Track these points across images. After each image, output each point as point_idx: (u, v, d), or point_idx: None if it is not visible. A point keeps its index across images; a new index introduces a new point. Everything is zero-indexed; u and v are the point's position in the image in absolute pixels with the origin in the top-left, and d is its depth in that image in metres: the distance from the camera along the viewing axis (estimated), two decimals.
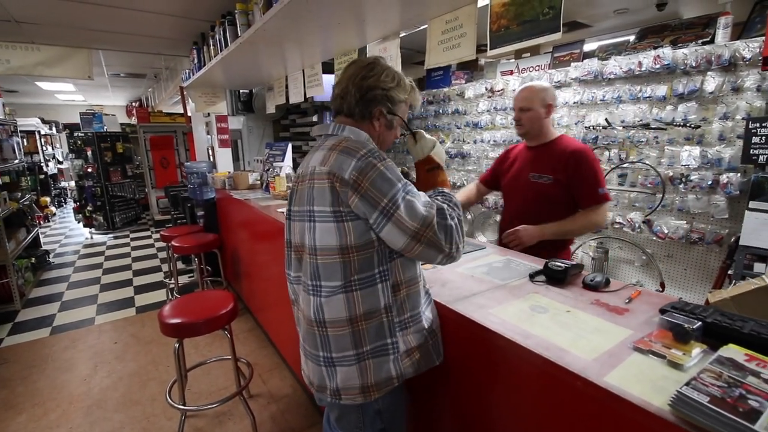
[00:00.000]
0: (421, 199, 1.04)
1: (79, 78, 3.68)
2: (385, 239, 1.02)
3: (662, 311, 1.04)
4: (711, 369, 0.82)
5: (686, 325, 0.94)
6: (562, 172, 1.78)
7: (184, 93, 4.30)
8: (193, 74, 3.60)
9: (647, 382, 0.83)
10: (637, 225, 2.59)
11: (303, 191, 1.11)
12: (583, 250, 2.95)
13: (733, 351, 0.87)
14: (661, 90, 2.45)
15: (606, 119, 2.69)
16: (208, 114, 4.43)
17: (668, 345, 0.93)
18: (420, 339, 1.13)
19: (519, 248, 1.75)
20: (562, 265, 1.33)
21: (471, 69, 3.98)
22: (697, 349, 0.91)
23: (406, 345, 1.10)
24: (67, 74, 3.63)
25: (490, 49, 1.54)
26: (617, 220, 2.69)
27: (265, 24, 2.00)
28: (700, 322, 0.95)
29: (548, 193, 1.81)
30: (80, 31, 3.34)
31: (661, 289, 2.51)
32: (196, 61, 3.42)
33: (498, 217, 2.36)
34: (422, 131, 1.31)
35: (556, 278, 1.33)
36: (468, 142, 3.90)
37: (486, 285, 1.34)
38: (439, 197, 1.14)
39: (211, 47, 2.98)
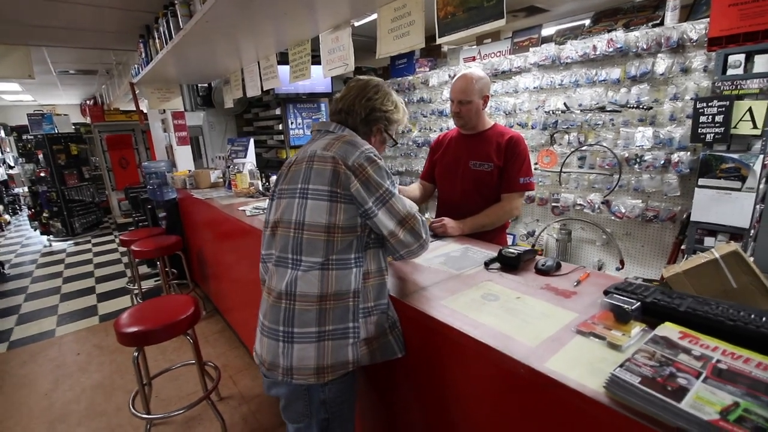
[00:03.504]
0: (404, 198, 1.21)
1: (19, 78, 3.47)
2: (377, 223, 1.13)
3: (606, 293, 1.07)
4: (645, 349, 0.84)
5: (625, 306, 0.97)
6: (499, 158, 1.85)
7: (135, 89, 4.12)
8: (142, 69, 3.45)
9: (586, 365, 0.85)
10: (596, 206, 2.66)
11: (297, 172, 1.19)
12: (547, 233, 3.02)
13: (668, 329, 0.90)
14: (616, 73, 2.50)
15: (565, 103, 2.74)
16: (164, 111, 4.27)
17: (609, 326, 0.96)
18: (380, 329, 1.18)
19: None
20: (515, 251, 1.35)
21: (434, 56, 3.97)
22: (636, 329, 0.94)
23: (366, 332, 1.15)
24: (6, 74, 3.42)
25: (439, 37, 1.54)
26: (578, 202, 2.76)
27: (205, 14, 1.93)
28: (638, 302, 0.98)
29: (488, 181, 1.87)
30: (15, 27, 3.14)
31: (621, 266, 2.60)
32: (143, 55, 3.28)
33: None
34: None
35: (510, 265, 1.36)
36: (434, 131, 3.91)
37: (441, 275, 1.36)
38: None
39: (157, 40, 2.86)
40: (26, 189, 7.12)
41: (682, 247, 2.28)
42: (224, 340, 3.15)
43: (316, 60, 2.44)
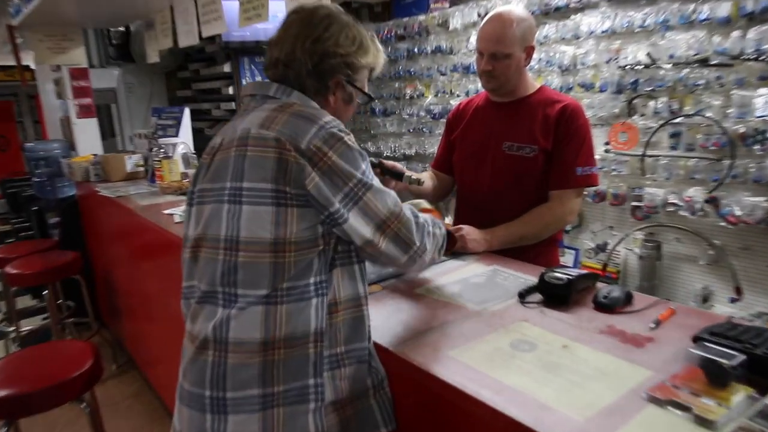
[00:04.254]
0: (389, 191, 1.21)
1: None
2: (348, 231, 1.14)
3: (695, 339, 1.06)
4: (750, 428, 0.83)
5: (723, 361, 0.95)
6: (547, 137, 1.85)
7: (16, 36, 4.17)
8: (25, 6, 3.48)
9: None
10: (698, 206, 2.65)
11: (223, 162, 1.18)
12: (626, 246, 3.01)
13: None
14: (724, 8, 2.49)
15: (648, 54, 2.73)
16: (58, 67, 4.31)
17: (698, 391, 0.94)
18: (357, 388, 1.17)
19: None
20: (564, 277, 1.35)
21: None
22: (739, 396, 0.93)
23: (335, 392, 1.15)
24: None
25: None
26: (671, 200, 2.75)
27: None
28: (743, 356, 0.97)
29: (530, 171, 1.88)
30: None
31: (737, 297, 2.57)
32: None
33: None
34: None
35: (556, 296, 1.36)
36: (457, 95, 3.91)
37: (454, 312, 1.36)
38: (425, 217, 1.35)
39: None
40: None
41: None
42: (142, 407, 3.16)
43: None
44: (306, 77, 1.23)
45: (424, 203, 1.68)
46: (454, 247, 1.44)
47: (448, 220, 4.26)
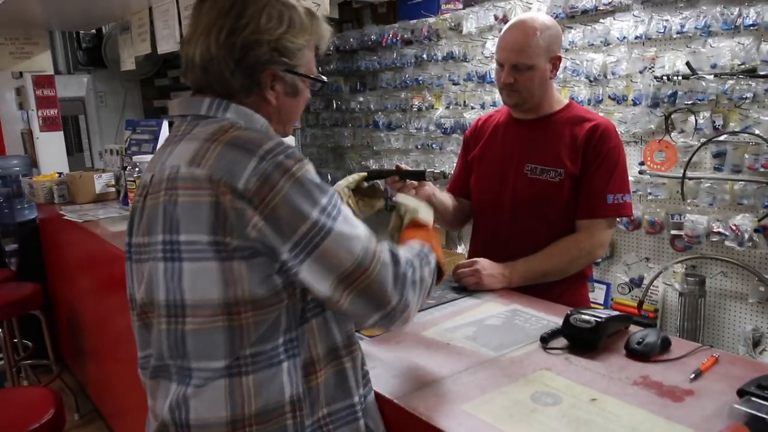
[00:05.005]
0: (359, 228, 1.09)
1: None
2: (306, 284, 1.05)
3: (741, 393, 1.06)
4: None
5: None
6: (575, 160, 1.87)
7: None
8: None
9: None
10: (747, 236, 2.65)
11: (154, 210, 1.12)
12: (664, 281, 3.01)
13: None
14: None
15: (688, 63, 2.76)
16: (20, 74, 4.37)
17: None
18: None
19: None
20: (593, 320, 1.35)
21: None
22: None
23: None
24: None
25: None
26: (715, 229, 2.76)
27: None
28: None
29: (555, 197, 1.89)
30: None
31: None
32: None
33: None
34: (401, 199, 1.49)
35: (583, 341, 1.36)
36: (471, 107, 3.95)
37: (467, 359, 1.36)
38: (411, 250, 1.23)
39: None
40: None
41: None
42: None
43: None
44: (231, 78, 1.14)
45: (421, 214, 1.45)
46: (440, 282, 1.35)
47: (461, 249, 4.29)
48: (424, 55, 4.24)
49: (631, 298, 3.15)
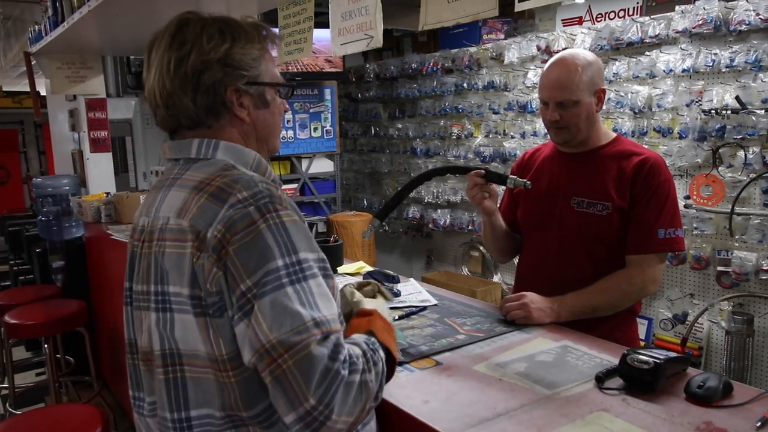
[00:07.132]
0: (313, 307, 0.98)
1: None
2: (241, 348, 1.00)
3: None
4: None
5: None
6: (623, 194, 1.86)
7: (32, 61, 4.37)
8: (46, 32, 3.65)
9: None
10: None
11: (147, 259, 1.14)
12: (710, 318, 2.94)
13: None
14: None
15: (737, 97, 2.74)
16: (74, 97, 4.48)
17: None
18: None
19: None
20: (651, 361, 1.32)
21: (512, 16, 4.07)
22: None
23: None
24: None
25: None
26: (765, 266, 2.70)
27: None
28: None
29: (603, 232, 1.88)
30: None
31: None
32: (51, 12, 3.49)
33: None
34: (347, 288, 1.38)
35: (641, 382, 1.32)
36: (512, 136, 3.95)
37: (522, 396, 1.34)
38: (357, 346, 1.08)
39: None
40: None
41: None
42: None
43: (321, 22, 2.53)
44: (194, 107, 1.13)
45: (366, 301, 1.33)
46: (390, 378, 1.17)
47: (497, 278, 4.23)
48: (465, 84, 4.28)
49: (674, 335, 3.09)
